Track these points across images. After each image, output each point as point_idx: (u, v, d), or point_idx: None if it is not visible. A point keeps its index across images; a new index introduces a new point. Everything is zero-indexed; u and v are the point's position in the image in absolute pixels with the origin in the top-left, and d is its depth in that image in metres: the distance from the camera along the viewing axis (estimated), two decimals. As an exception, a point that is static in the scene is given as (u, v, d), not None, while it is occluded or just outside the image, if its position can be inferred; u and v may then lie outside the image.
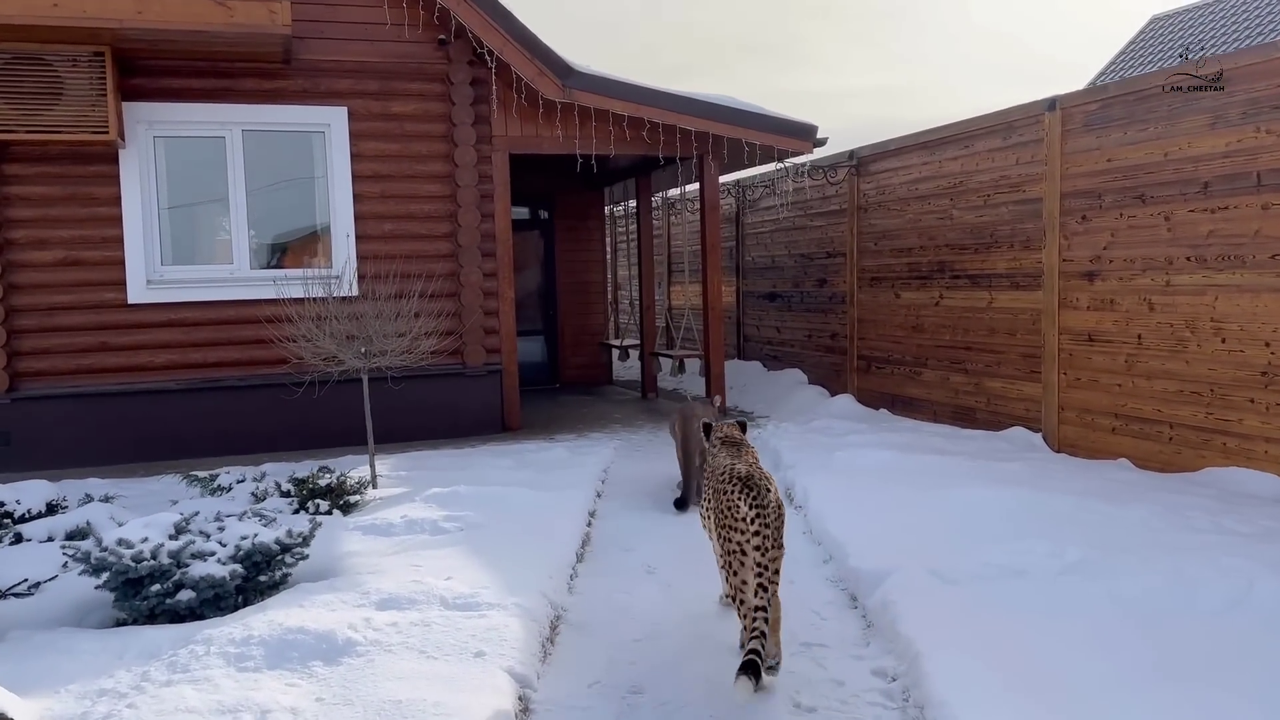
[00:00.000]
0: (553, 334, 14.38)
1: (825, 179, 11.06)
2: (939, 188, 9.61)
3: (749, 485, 3.86)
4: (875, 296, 10.70)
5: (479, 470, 7.55)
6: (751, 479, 3.90)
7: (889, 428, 9.07)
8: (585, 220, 14.39)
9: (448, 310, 9.87)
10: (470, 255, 9.80)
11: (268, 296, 8.65)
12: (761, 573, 3.66)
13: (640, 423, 10.61)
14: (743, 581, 3.75)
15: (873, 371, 10.81)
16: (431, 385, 9.77)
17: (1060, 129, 8.10)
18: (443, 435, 9.81)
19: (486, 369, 9.94)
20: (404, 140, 9.70)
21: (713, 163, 10.51)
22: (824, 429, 9.11)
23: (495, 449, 8.85)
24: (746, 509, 3.79)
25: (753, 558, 3.70)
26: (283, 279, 8.00)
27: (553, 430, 10.14)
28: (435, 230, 9.84)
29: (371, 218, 9.67)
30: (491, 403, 10.01)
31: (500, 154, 9.94)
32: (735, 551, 3.82)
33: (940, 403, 9.69)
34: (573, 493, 6.59)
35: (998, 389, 8.92)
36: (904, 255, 10.17)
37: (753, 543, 3.73)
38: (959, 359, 9.40)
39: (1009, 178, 8.71)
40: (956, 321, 9.41)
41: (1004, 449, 7.96)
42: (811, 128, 10.11)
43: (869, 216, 10.79)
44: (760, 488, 3.87)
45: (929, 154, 9.75)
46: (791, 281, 12.64)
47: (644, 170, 12.43)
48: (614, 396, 13.03)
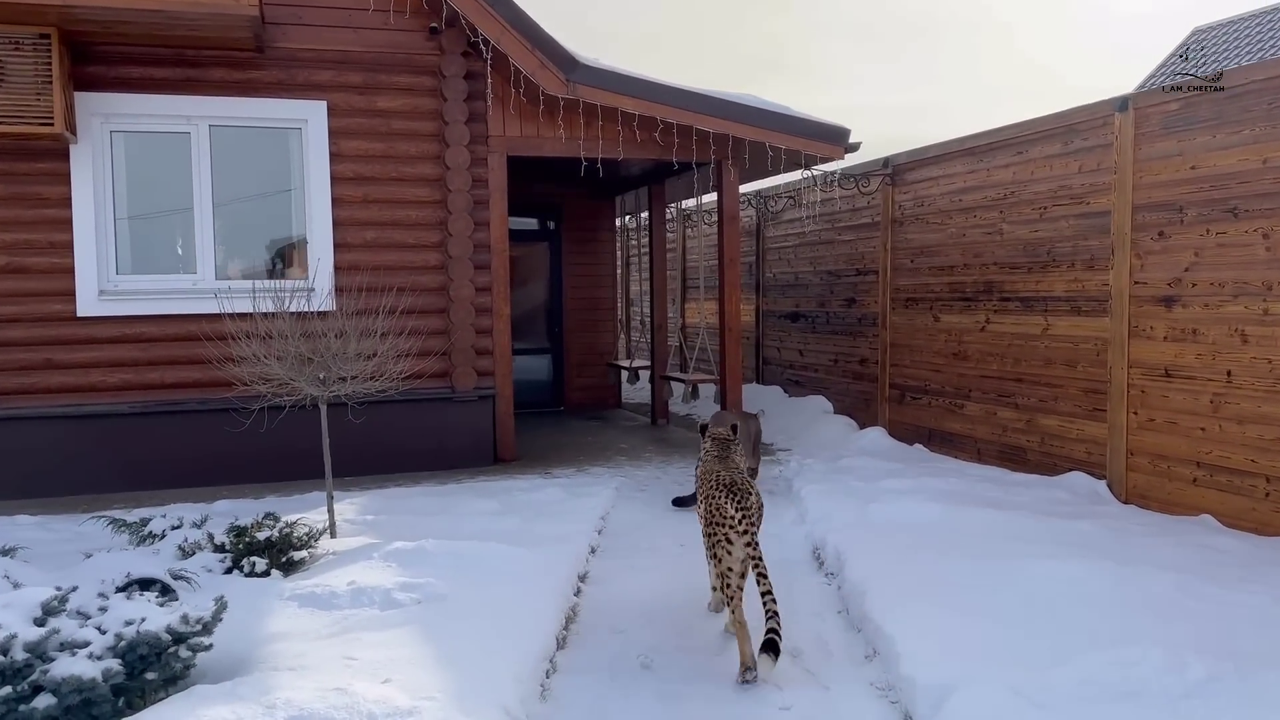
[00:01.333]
0: (558, 353, 13.38)
1: (857, 188, 10.03)
2: (987, 199, 8.56)
3: (734, 490, 4.33)
4: (911, 319, 9.64)
5: (457, 516, 6.54)
6: (737, 485, 4.36)
7: (929, 469, 8.00)
8: (595, 232, 13.40)
9: (435, 328, 8.89)
10: (461, 267, 8.81)
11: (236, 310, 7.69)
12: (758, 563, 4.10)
13: (648, 454, 9.57)
14: (728, 569, 4.25)
15: (907, 402, 9.74)
16: (415, 411, 8.78)
17: (1133, 132, 7.04)
18: (427, 467, 8.81)
19: (478, 393, 8.93)
20: (390, 139, 8.74)
21: (732, 168, 9.49)
22: (854, 469, 8.05)
23: (482, 486, 7.83)
24: (733, 510, 4.25)
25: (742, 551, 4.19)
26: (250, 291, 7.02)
27: (550, 462, 9.12)
28: (423, 239, 8.86)
29: (352, 224, 8.70)
30: (482, 431, 9.00)
31: (497, 155, 8.97)
32: (721, 541, 4.27)
33: (985, 440, 8.61)
34: (562, 549, 5.56)
35: (1054, 428, 7.84)
36: (945, 274, 9.11)
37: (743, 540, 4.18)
38: (1008, 392, 8.33)
39: (1070, 188, 7.66)
40: (1006, 349, 8.34)
41: (1064, 500, 6.88)
42: (843, 131, 9.08)
43: (904, 230, 9.75)
44: (743, 491, 4.33)
45: (975, 161, 8.70)
46: (816, 300, 11.59)
47: (657, 178, 11.43)
48: (621, 422, 12.00)
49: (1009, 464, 8.29)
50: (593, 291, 13.39)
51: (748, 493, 4.31)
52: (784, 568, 5.64)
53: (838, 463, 8.28)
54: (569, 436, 10.81)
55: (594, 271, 13.39)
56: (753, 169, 9.92)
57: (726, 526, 4.21)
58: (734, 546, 4.18)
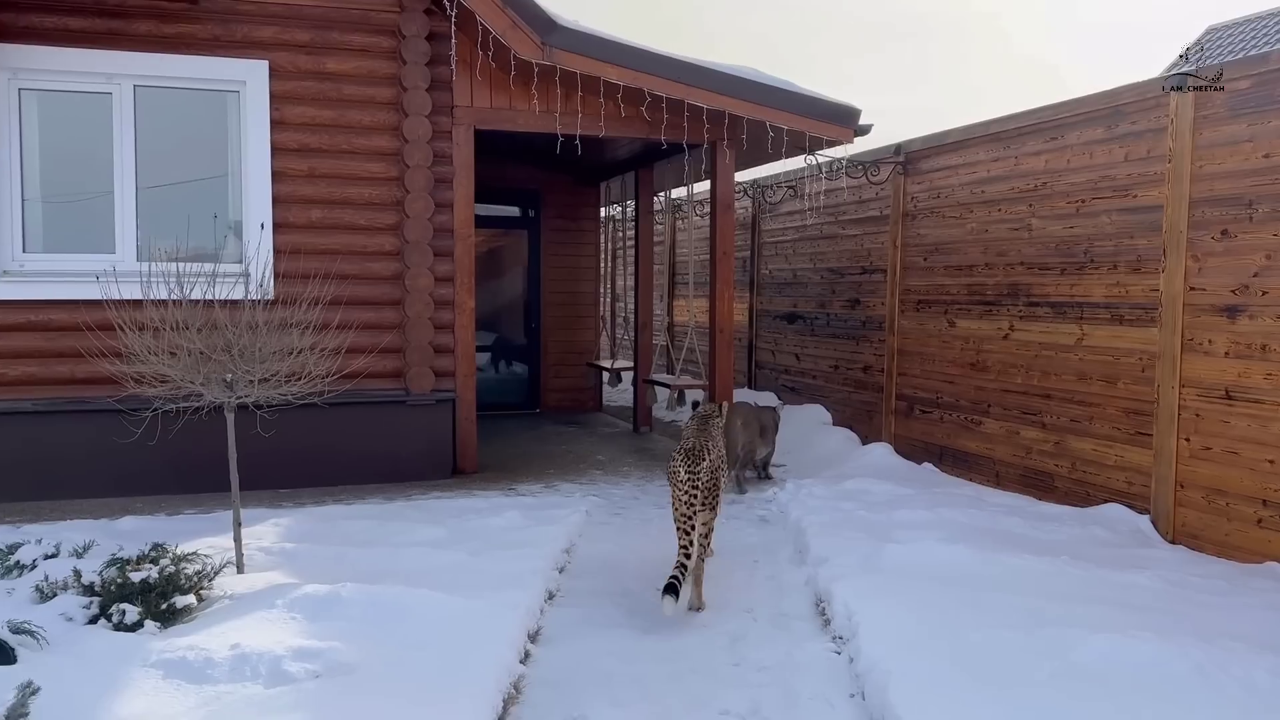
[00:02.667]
0: (534, 352, 12.36)
1: (866, 177, 9.03)
2: (1014, 190, 7.58)
3: (690, 455, 4.83)
4: (922, 324, 8.66)
5: (395, 547, 5.53)
6: (694, 450, 4.85)
7: (944, 496, 7.02)
8: (577, 221, 12.39)
9: (388, 322, 7.87)
10: (419, 253, 7.79)
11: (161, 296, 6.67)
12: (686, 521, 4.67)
13: (626, 468, 8.57)
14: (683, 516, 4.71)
15: (915, 416, 8.76)
16: (363, 415, 7.76)
17: (1193, 115, 6.07)
18: (376, 478, 7.79)
19: (435, 397, 7.92)
20: (340, 106, 7.71)
21: (728, 150, 8.49)
22: (860, 493, 7.06)
23: (433, 505, 6.82)
24: (684, 473, 4.76)
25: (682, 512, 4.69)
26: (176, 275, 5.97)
27: (515, 476, 8.11)
28: (377, 220, 7.83)
29: (295, 202, 7.67)
30: (440, 439, 7.99)
31: (463, 128, 7.95)
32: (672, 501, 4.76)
33: (1006, 462, 7.64)
34: (510, 598, 4.56)
35: (1087, 452, 6.87)
36: (962, 274, 8.13)
37: (682, 497, 4.71)
38: (1033, 409, 7.36)
39: (1113, 178, 6.68)
40: (1032, 361, 7.37)
41: (1105, 540, 5.91)
42: (854, 111, 8.09)
43: (917, 225, 8.77)
44: (696, 457, 4.81)
45: (1001, 148, 7.72)
46: (816, 301, 10.61)
47: (644, 161, 10.42)
48: (600, 429, 10.99)
49: (1033, 490, 7.32)
50: (573, 285, 12.38)
51: (700, 458, 4.83)
52: (780, 624, 4.65)
53: (841, 485, 7.29)
54: (541, 444, 9.80)
55: (575, 264, 12.38)
56: (750, 153, 8.92)
57: (677, 486, 4.78)
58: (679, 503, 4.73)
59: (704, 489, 4.76)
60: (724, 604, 4.89)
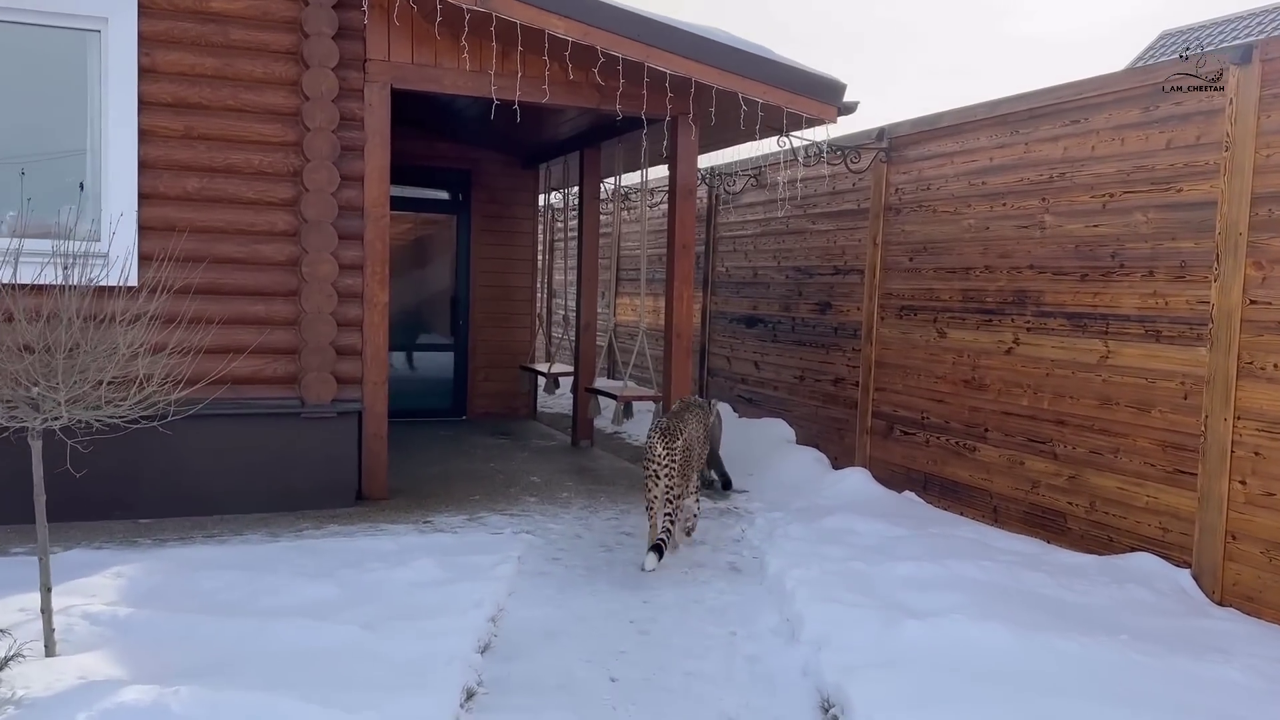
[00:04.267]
0: (461, 352, 11.04)
1: (845, 164, 7.93)
2: (1023, 182, 6.55)
3: (665, 432, 5.47)
4: (906, 332, 7.59)
5: (264, 615, 4.22)
6: (669, 429, 5.50)
7: (944, 539, 5.94)
8: (512, 207, 11.09)
9: (281, 316, 6.52)
10: (320, 235, 6.45)
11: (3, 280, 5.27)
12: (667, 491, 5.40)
13: (566, 493, 7.33)
14: (654, 497, 5.44)
15: (896, 437, 7.70)
16: (247, 429, 6.40)
17: (1258, 93, 5.07)
18: (263, 506, 6.43)
19: (337, 408, 6.59)
20: (227, 53, 6.33)
21: (692, 125, 7.31)
22: (845, 534, 5.95)
23: (326, 547, 5.50)
24: (662, 450, 5.41)
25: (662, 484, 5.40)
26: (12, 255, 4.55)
27: (433, 504, 6.82)
28: (268, 194, 6.47)
29: (168, 168, 6.28)
30: (342, 459, 6.66)
31: (377, 87, 6.63)
32: (650, 476, 5.42)
33: (1007, 496, 6.60)
34: (409, 705, 3.30)
35: (1110, 490, 5.86)
36: (956, 277, 7.08)
37: (662, 473, 5.39)
38: (1043, 436, 6.33)
39: (1151, 169, 5.67)
40: (1043, 380, 6.34)
41: (1151, 604, 4.88)
42: (839, 85, 6.97)
43: (902, 221, 7.70)
44: (672, 434, 5.47)
45: (1009, 132, 6.68)
46: (780, 303, 9.50)
47: (591, 140, 9.19)
48: (534, 441, 9.73)
49: (1041, 531, 6.29)
50: (506, 279, 11.08)
51: (676, 435, 5.43)
52: (776, 735, 3.49)
53: (820, 523, 6.16)
54: (465, 460, 8.50)
55: (509, 254, 11.09)
56: (716, 131, 7.76)
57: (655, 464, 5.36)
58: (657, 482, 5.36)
59: (680, 463, 5.45)
60: (698, 703, 3.71)
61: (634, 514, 6.72)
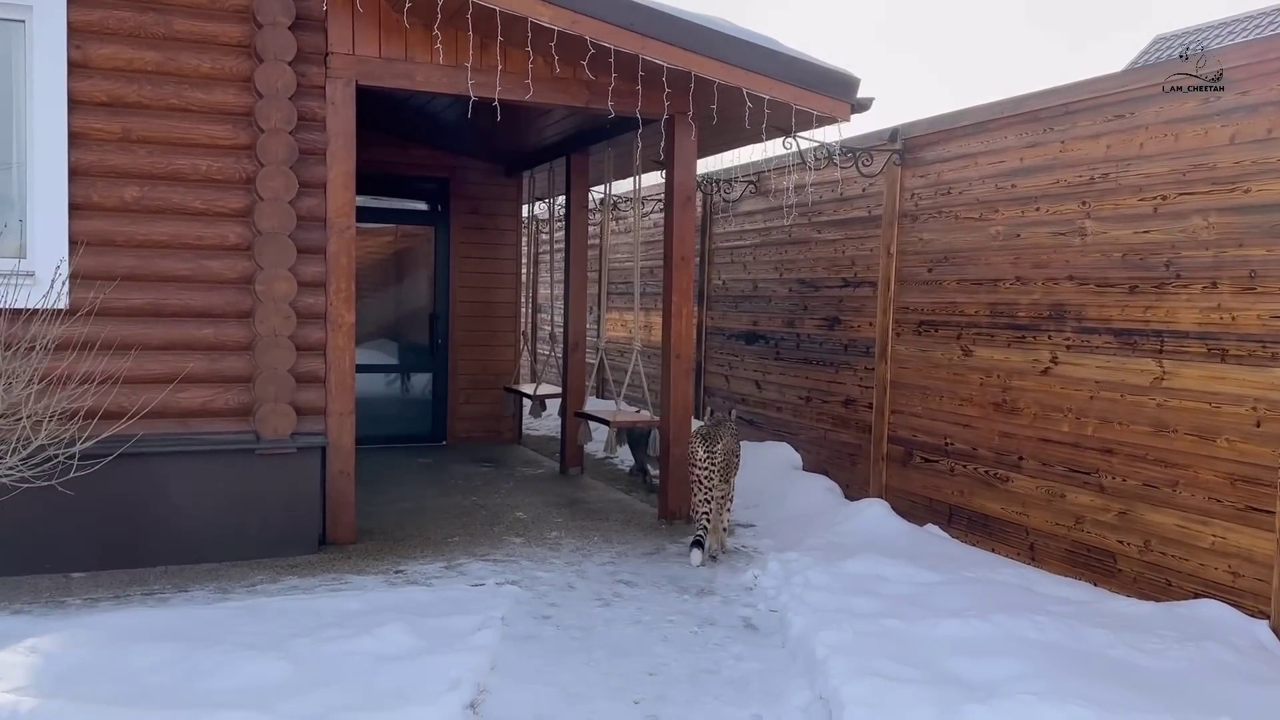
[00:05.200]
0: (441, 373, 10.33)
1: (856, 167, 7.28)
2: (1059, 184, 5.91)
3: (705, 438, 5.91)
4: (926, 350, 6.95)
5: (197, 709, 3.50)
6: (709, 435, 5.95)
7: (982, 584, 5.28)
8: (494, 217, 10.41)
9: (233, 341, 5.81)
10: (276, 249, 5.75)
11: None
12: (708, 493, 5.84)
13: (556, 531, 6.63)
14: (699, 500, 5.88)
15: (916, 464, 7.04)
16: (196, 468, 5.68)
17: (1341, 78, 4.46)
18: (214, 554, 5.71)
19: (297, 443, 5.87)
20: (170, 46, 5.63)
21: (692, 125, 6.66)
22: (873, 581, 5.27)
23: (280, 606, 4.78)
24: (703, 454, 5.85)
25: (704, 485, 5.83)
26: None
27: (406, 548, 6.10)
28: (218, 204, 5.77)
29: (103, 175, 5.56)
30: (303, 500, 5.94)
31: (340, 84, 5.94)
32: (696, 480, 5.86)
33: (1045, 532, 5.94)
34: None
35: (1168, 528, 5.21)
36: (983, 290, 6.44)
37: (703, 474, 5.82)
38: (1086, 466, 5.68)
39: (1213, 166, 5.04)
40: (1086, 404, 5.69)
41: (1234, 666, 4.22)
42: (852, 80, 6.34)
43: (919, 228, 7.06)
44: (712, 439, 5.91)
45: (1041, 129, 6.05)
46: (783, 318, 8.84)
47: (578, 145, 8.52)
48: (519, 469, 9.03)
49: (1086, 572, 5.64)
50: (489, 294, 10.39)
51: (716, 440, 5.92)
52: None
53: (842, 566, 5.48)
54: (444, 494, 7.79)
55: (491, 268, 10.40)
56: (717, 133, 7.11)
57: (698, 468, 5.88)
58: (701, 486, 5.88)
59: (720, 466, 5.88)
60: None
61: (632, 557, 6.04)
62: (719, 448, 5.90)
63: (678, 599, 5.19)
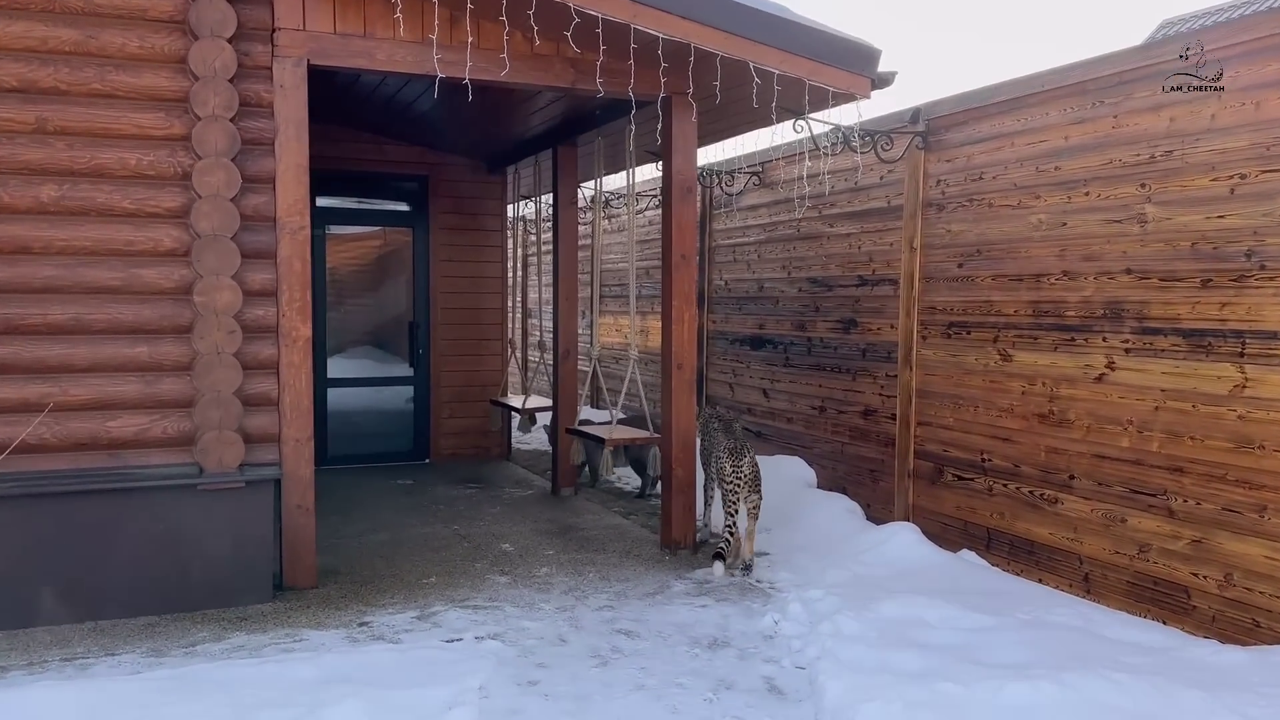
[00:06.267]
0: (422, 384, 9.59)
1: (875, 152, 6.56)
2: (1114, 164, 5.19)
3: (733, 453, 5.84)
4: (957, 354, 6.22)
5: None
6: (736, 449, 5.86)
7: (1036, 626, 4.55)
8: (477, 217, 9.67)
9: (171, 360, 5.06)
10: (217, 254, 5.00)
11: None
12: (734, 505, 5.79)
13: (545, 567, 5.89)
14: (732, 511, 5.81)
15: (947, 482, 6.31)
16: (129, 506, 4.93)
17: None
18: (152, 606, 4.96)
19: (247, 475, 5.12)
20: (89, 23, 4.89)
21: (693, 105, 5.92)
22: (915, 627, 4.54)
23: (216, 675, 4.02)
24: (730, 468, 5.80)
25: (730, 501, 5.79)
26: None
27: (374, 592, 5.36)
28: (149, 202, 5.02)
29: (16, 172, 4.82)
30: (255, 539, 5.18)
31: (291, 64, 5.20)
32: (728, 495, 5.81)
33: (1102, 561, 5.21)
34: None
35: (1256, 560, 4.48)
36: (1024, 286, 5.71)
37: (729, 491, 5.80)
38: (1152, 486, 4.95)
39: (1302, 139, 4.32)
40: (1149, 415, 4.97)
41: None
42: (873, 51, 5.60)
43: (946, 219, 6.33)
44: (739, 454, 5.84)
45: (1089, 104, 5.32)
46: (792, 320, 8.11)
47: (566, 134, 7.78)
48: (507, 490, 8.29)
49: (1153, 608, 4.91)
50: (473, 299, 9.66)
51: (742, 454, 5.85)
52: None
53: (877, 610, 4.74)
54: (423, 521, 7.05)
55: (475, 271, 9.66)
56: (720, 115, 6.38)
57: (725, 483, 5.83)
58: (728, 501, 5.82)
59: (747, 479, 5.82)
60: None
61: (632, 598, 5.30)
62: (745, 461, 5.83)
63: (687, 654, 4.45)
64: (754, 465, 5.90)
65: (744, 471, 5.80)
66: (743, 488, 5.79)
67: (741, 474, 5.80)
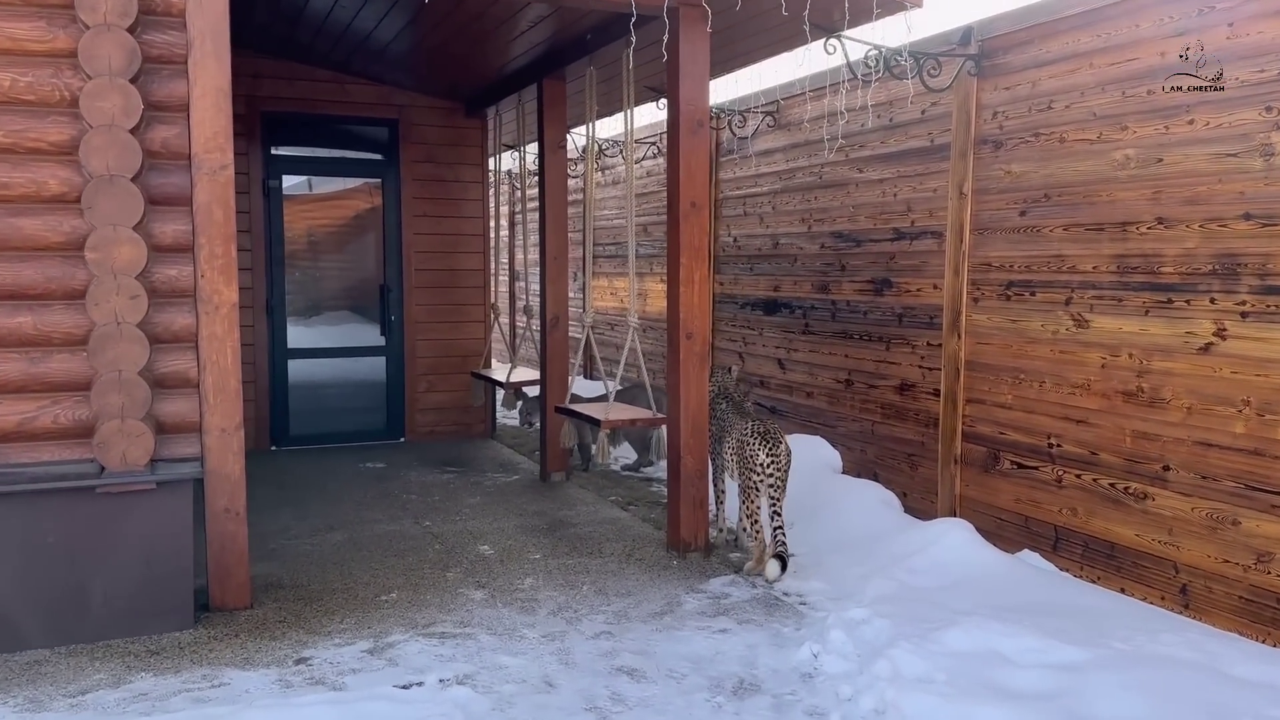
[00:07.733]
0: (396, 355, 8.60)
1: (921, 78, 5.53)
2: (1229, 86, 4.19)
3: (766, 437, 5.03)
4: (1017, 320, 5.25)
5: None
6: (769, 434, 5.05)
7: (1142, 661, 3.64)
8: (454, 167, 8.63)
9: (60, 333, 4.07)
10: (114, 198, 3.99)
11: None
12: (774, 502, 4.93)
13: (530, 577, 4.95)
14: (757, 507, 5.01)
15: (1003, 471, 5.37)
16: (15, 513, 3.96)
17: None
18: (45, 637, 4.01)
19: (160, 474, 4.14)
20: (-61, -100, 3.84)
21: (706, 7, 4.89)
22: (987, 662, 3.62)
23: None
24: (765, 458, 4.98)
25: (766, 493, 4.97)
26: None
27: (319, 613, 4.41)
28: (28, 135, 4.00)
29: None
30: (172, 552, 4.21)
31: (203, -41, 4.15)
32: (752, 488, 5.02)
33: (1206, 571, 4.29)
34: None
35: None
36: (1106, 237, 4.74)
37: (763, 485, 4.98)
38: (1274, 483, 4.02)
39: None
40: (1271, 396, 4.02)
41: None
42: (925, -53, 4.58)
43: (1005, 158, 5.34)
44: (773, 439, 5.04)
45: (1194, 11, 4.32)
46: (813, 281, 7.13)
47: (553, 64, 6.73)
48: (490, 476, 7.34)
49: (1272, 630, 4.00)
50: (451, 260, 8.65)
51: (778, 441, 5.05)
52: None
53: (941, 639, 3.81)
54: (389, 517, 6.10)
55: (453, 228, 8.65)
56: (738, 34, 5.35)
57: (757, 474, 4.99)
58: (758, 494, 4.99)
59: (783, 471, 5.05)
60: None
61: (635, 620, 4.36)
62: (781, 449, 5.06)
63: (707, 703, 3.52)
64: (789, 453, 5.13)
65: (782, 461, 5.03)
66: (779, 482, 5.00)
67: (780, 464, 5.02)
